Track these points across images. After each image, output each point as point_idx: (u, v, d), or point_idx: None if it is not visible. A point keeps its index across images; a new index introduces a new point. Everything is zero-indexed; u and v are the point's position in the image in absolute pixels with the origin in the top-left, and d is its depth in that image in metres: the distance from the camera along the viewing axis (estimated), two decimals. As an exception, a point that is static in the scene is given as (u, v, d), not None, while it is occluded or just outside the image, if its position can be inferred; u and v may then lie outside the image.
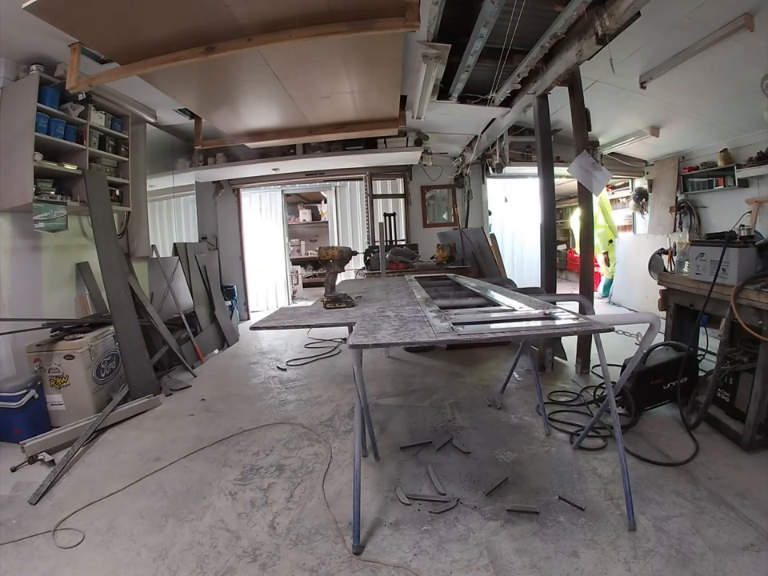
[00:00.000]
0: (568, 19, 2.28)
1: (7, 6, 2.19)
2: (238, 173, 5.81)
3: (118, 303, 3.16)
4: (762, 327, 1.88)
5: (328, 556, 1.51)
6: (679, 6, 2.45)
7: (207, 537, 1.64)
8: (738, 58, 2.86)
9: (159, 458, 2.28)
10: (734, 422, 2.11)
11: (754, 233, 2.62)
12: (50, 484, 2.02)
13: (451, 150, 6.01)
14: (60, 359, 2.75)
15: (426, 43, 2.70)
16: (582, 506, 1.69)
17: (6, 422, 2.49)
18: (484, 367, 3.53)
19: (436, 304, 1.86)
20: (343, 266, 2.06)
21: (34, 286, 3.03)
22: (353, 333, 1.34)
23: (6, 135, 2.79)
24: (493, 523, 1.63)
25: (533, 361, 2.58)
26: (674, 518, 1.59)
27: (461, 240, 4.84)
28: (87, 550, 1.61)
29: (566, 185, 6.52)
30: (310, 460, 2.18)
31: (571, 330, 1.24)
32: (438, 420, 2.57)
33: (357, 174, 6.07)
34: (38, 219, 2.82)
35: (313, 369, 3.82)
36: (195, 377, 3.67)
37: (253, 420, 2.71)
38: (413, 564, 1.45)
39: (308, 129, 4.15)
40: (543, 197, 3.32)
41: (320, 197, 8.12)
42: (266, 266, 6.78)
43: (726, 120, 3.98)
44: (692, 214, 5.02)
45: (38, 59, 2.81)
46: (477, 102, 3.63)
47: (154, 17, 2.12)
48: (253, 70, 2.76)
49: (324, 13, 2.15)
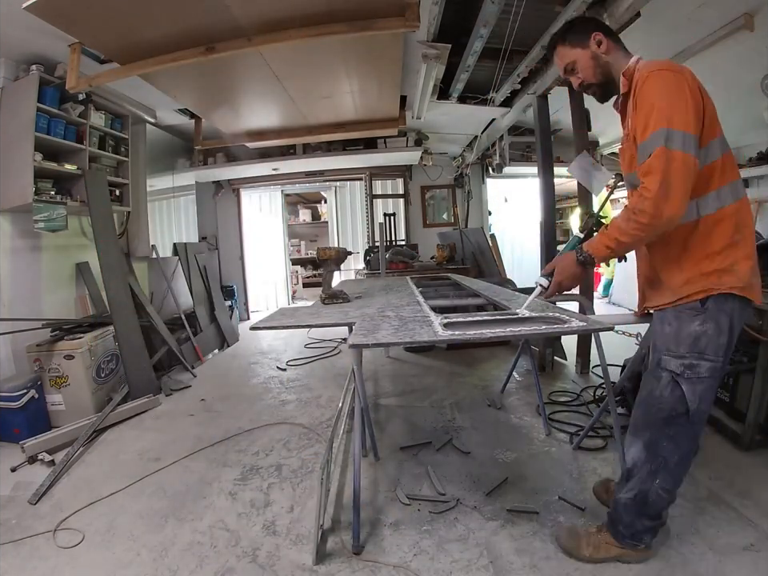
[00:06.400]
0: (568, 19, 2.28)
1: (7, 6, 2.19)
2: (238, 173, 5.81)
3: (118, 303, 3.16)
4: (762, 327, 1.88)
5: (328, 556, 1.51)
6: (679, 7, 2.45)
7: (207, 537, 1.64)
8: (738, 58, 2.86)
9: (159, 458, 2.28)
10: (734, 422, 2.11)
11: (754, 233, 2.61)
12: (50, 484, 2.02)
13: (451, 150, 6.01)
14: (60, 359, 2.75)
15: (425, 43, 2.71)
16: (582, 506, 1.69)
17: (6, 421, 2.49)
18: (484, 367, 3.53)
19: (436, 304, 1.86)
20: (340, 264, 2.09)
21: (34, 286, 3.03)
22: (353, 333, 1.34)
23: (5, 135, 2.79)
24: (493, 523, 1.63)
25: (533, 361, 2.58)
26: (674, 518, 1.58)
27: (461, 240, 4.84)
28: (87, 550, 1.61)
29: (566, 185, 6.51)
30: (310, 460, 2.18)
31: (571, 329, 1.24)
32: (438, 420, 2.57)
33: (357, 173, 6.07)
34: (38, 219, 2.81)
35: (313, 369, 3.82)
36: (195, 377, 3.67)
37: (253, 420, 2.71)
38: (413, 564, 1.45)
39: (308, 129, 4.15)
40: (543, 197, 3.32)
41: (320, 197, 8.11)
42: (266, 266, 6.77)
43: (726, 120, 3.93)
44: (692, 214, 5.02)
45: (38, 59, 2.81)
46: (477, 102, 3.64)
47: (153, 17, 2.12)
48: (253, 70, 2.77)
49: (324, 13, 2.15)
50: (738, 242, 1.20)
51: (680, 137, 1.10)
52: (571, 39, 1.34)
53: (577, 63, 1.34)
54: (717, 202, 1.20)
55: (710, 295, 1.20)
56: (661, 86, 1.15)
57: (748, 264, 1.21)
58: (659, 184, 1.10)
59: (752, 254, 1.23)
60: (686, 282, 1.23)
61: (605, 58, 1.31)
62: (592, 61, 1.32)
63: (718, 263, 1.20)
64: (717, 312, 1.20)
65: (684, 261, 1.24)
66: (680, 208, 1.11)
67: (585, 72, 1.34)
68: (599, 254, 1.24)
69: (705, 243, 1.21)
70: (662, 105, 1.13)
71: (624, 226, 1.17)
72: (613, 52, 1.31)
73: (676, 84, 1.14)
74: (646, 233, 1.16)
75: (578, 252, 1.28)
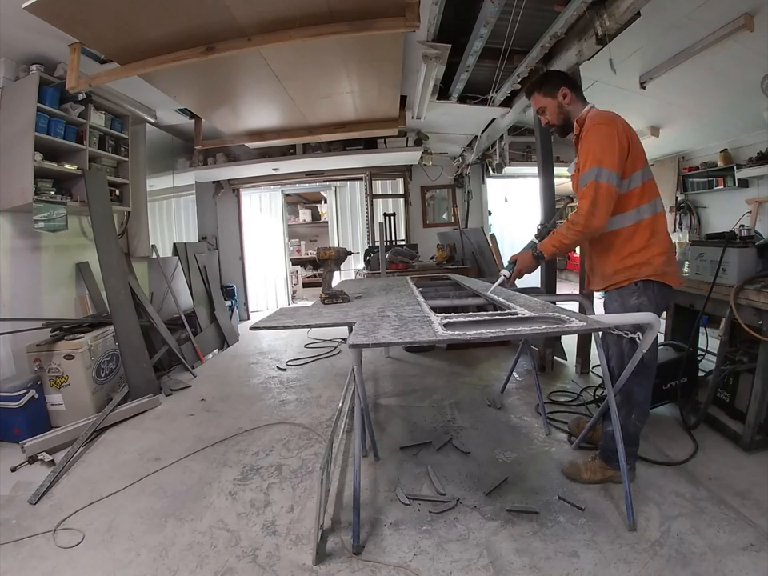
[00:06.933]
0: (568, 19, 2.28)
1: (7, 6, 2.19)
2: (238, 173, 5.81)
3: (118, 303, 3.16)
4: (762, 327, 1.88)
5: (328, 556, 1.51)
6: (679, 7, 2.45)
7: (207, 537, 1.64)
8: (738, 58, 2.86)
9: (159, 458, 2.28)
10: (734, 422, 2.11)
11: (754, 233, 2.62)
12: (50, 484, 2.02)
13: (451, 150, 6.01)
14: (60, 359, 2.75)
15: (425, 43, 2.71)
16: (582, 506, 1.69)
17: (6, 421, 2.49)
18: (484, 367, 3.53)
19: (436, 304, 1.86)
20: (340, 264, 2.09)
21: (34, 286, 3.03)
22: (353, 332, 1.34)
23: (6, 135, 2.79)
24: (493, 523, 1.63)
25: (533, 361, 2.59)
26: (674, 518, 1.59)
27: (461, 240, 4.83)
28: (87, 550, 1.61)
29: (566, 185, 6.50)
30: (310, 460, 2.18)
31: (571, 329, 1.23)
32: (438, 420, 2.57)
33: (357, 174, 6.07)
34: (38, 219, 2.82)
35: (313, 369, 3.82)
36: (195, 377, 3.67)
37: (253, 420, 2.71)
38: (413, 564, 1.45)
39: (308, 129, 4.15)
40: (543, 197, 3.31)
41: (320, 197, 8.12)
42: (266, 266, 6.78)
43: (726, 120, 3.98)
44: (692, 214, 5.03)
45: (38, 59, 2.81)
46: (477, 102, 3.63)
47: (153, 17, 2.12)
48: (253, 70, 2.76)
49: (324, 13, 2.15)
50: (653, 243, 1.67)
51: (606, 174, 1.59)
52: (544, 90, 1.82)
53: (546, 109, 1.84)
54: (637, 216, 1.68)
55: (636, 281, 1.68)
56: (597, 137, 1.65)
57: (661, 258, 1.67)
58: (588, 206, 1.60)
59: (665, 251, 1.69)
60: (614, 272, 1.73)
61: (567, 107, 1.79)
62: (557, 109, 1.81)
63: (637, 259, 1.67)
64: (645, 291, 1.68)
65: (613, 256, 1.73)
66: (603, 222, 1.61)
67: (551, 116, 1.84)
68: (547, 252, 1.73)
69: (628, 244, 1.69)
70: (597, 150, 1.63)
71: (565, 233, 1.68)
72: (573, 103, 1.79)
73: (608, 135, 1.63)
74: (579, 238, 1.68)
75: (534, 250, 1.76)
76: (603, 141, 1.63)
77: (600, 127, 1.66)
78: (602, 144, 1.62)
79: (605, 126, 1.65)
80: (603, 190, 1.58)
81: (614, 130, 1.63)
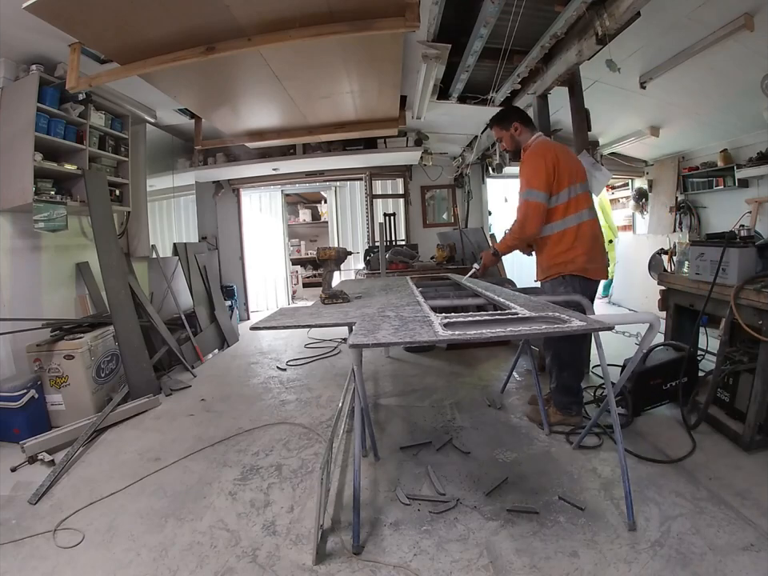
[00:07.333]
0: (568, 19, 2.27)
1: (7, 6, 2.19)
2: (238, 173, 5.81)
3: (118, 303, 3.16)
4: (762, 327, 1.88)
5: (328, 556, 1.51)
6: (679, 6, 2.45)
7: (207, 537, 1.64)
8: (738, 58, 2.85)
9: (159, 458, 2.28)
10: (734, 422, 2.11)
11: (754, 233, 2.62)
12: (50, 484, 2.02)
13: (451, 150, 6.01)
14: (60, 359, 2.75)
15: (425, 43, 2.71)
16: (582, 506, 1.69)
17: (6, 421, 2.49)
18: (484, 367, 3.53)
19: (436, 304, 1.85)
20: (340, 264, 2.09)
21: (34, 286, 3.03)
22: (353, 332, 1.34)
23: (6, 135, 2.79)
24: (493, 523, 1.63)
25: (533, 361, 2.58)
26: (674, 518, 1.59)
27: (461, 240, 4.83)
28: (87, 550, 1.61)
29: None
30: (310, 460, 2.18)
31: (571, 329, 1.23)
32: (438, 420, 2.57)
33: (357, 174, 6.07)
34: (38, 219, 2.82)
35: (313, 369, 3.82)
36: (195, 377, 3.67)
37: (253, 420, 2.71)
38: (413, 564, 1.45)
39: (308, 129, 4.15)
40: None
41: (320, 197, 8.11)
42: (266, 266, 6.77)
43: (726, 120, 3.98)
44: (692, 214, 5.02)
45: (38, 59, 2.81)
46: (477, 102, 3.63)
47: (153, 17, 2.12)
48: (253, 70, 2.77)
49: (324, 13, 2.15)
50: (576, 246, 2.17)
51: (534, 194, 2.15)
52: (502, 125, 2.38)
53: (503, 138, 2.40)
54: (564, 225, 2.19)
55: (563, 274, 2.21)
56: (528, 164, 2.23)
57: (583, 258, 2.17)
58: (521, 218, 2.21)
59: (586, 251, 2.17)
60: (548, 266, 2.28)
61: (518, 138, 2.34)
62: (510, 138, 2.37)
63: (563, 257, 2.20)
64: (571, 282, 2.19)
65: (546, 255, 2.29)
66: (534, 230, 2.19)
67: (506, 144, 2.41)
68: (500, 250, 2.37)
69: (556, 246, 2.22)
70: (529, 174, 2.19)
71: (508, 237, 2.32)
72: (523, 134, 2.32)
73: (536, 164, 2.17)
74: (517, 242, 2.31)
75: (493, 249, 2.42)
76: (533, 168, 2.17)
77: (532, 156, 2.22)
78: (533, 169, 2.16)
79: (535, 156, 2.19)
80: (532, 206, 2.15)
81: (542, 159, 2.14)
